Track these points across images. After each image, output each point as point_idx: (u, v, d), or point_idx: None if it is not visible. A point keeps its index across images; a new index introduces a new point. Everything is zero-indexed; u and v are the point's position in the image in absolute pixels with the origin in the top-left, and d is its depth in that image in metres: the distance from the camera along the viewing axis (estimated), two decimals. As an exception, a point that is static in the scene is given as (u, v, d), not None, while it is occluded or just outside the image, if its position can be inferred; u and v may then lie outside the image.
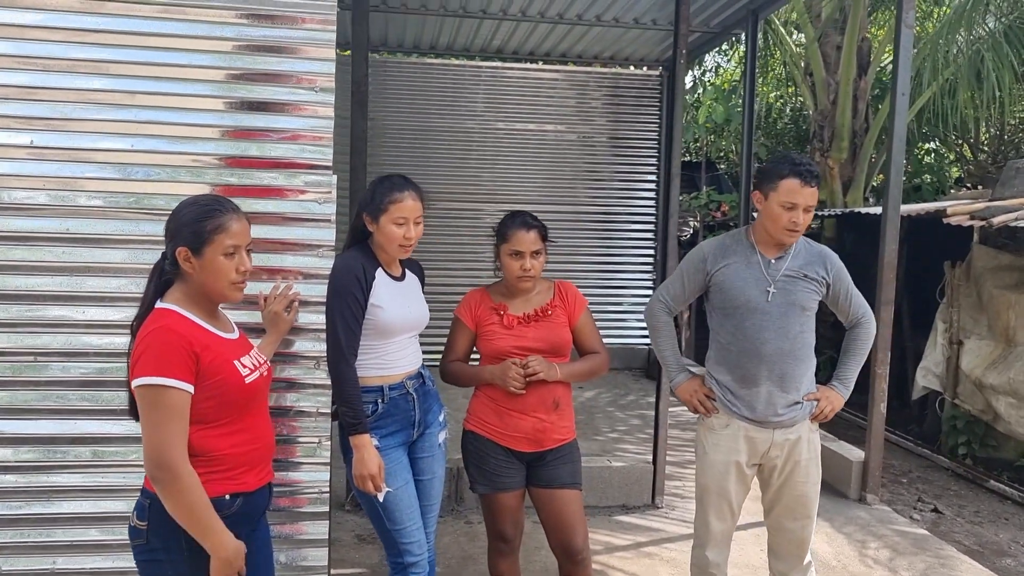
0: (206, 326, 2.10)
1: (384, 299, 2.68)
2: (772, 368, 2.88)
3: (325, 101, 2.68)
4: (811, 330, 2.96)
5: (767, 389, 2.90)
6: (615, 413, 6.71)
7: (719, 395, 3.00)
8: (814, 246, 3.01)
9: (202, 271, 2.09)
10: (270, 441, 2.24)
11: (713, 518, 3.04)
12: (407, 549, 2.69)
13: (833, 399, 3.00)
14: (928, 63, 9.23)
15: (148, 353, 1.96)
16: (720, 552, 3.09)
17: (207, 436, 2.04)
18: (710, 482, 3.03)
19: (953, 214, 6.13)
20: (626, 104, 8.66)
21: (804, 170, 2.80)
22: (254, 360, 2.21)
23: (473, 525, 4.52)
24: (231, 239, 2.10)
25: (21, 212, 2.55)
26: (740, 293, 2.91)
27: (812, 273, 2.92)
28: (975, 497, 5.65)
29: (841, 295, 2.99)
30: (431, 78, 8.30)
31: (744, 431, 2.95)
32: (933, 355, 6.67)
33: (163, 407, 1.95)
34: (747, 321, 2.90)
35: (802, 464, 2.97)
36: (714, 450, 3.01)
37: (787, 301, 2.89)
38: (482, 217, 8.32)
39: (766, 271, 2.91)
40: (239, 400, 2.09)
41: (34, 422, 2.58)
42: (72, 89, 2.56)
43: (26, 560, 2.60)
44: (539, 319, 2.94)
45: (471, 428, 2.98)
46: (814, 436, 3.02)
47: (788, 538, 3.05)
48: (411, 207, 2.66)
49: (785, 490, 3.00)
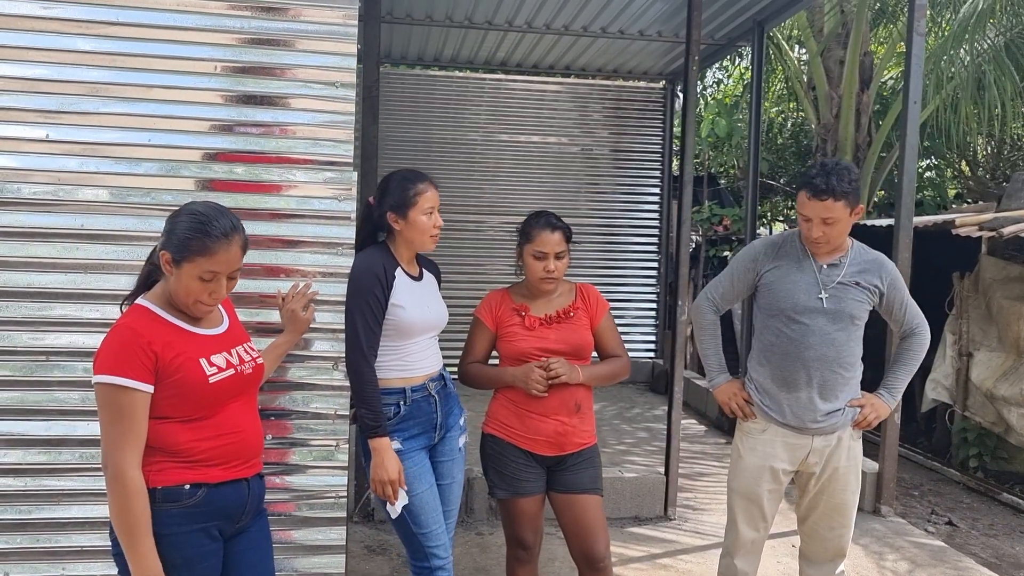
0: (179, 323, 2.06)
1: (405, 298, 2.62)
2: (813, 374, 2.83)
3: (346, 97, 2.63)
4: (858, 339, 2.89)
5: (807, 395, 2.84)
6: (621, 426, 6.65)
7: (757, 399, 2.95)
8: (869, 253, 2.92)
9: (176, 282, 2.04)
10: (248, 437, 2.15)
11: (743, 525, 2.98)
12: (434, 552, 2.62)
13: (878, 407, 2.92)
14: (931, 77, 9.25)
15: (107, 350, 1.95)
16: (749, 562, 3.02)
17: (169, 430, 2.00)
18: (742, 486, 2.97)
19: (962, 225, 6.10)
20: (629, 117, 8.67)
21: (811, 183, 2.74)
22: (237, 356, 2.15)
23: (484, 536, 4.43)
24: (212, 265, 2.03)
25: (34, 208, 2.49)
26: (788, 296, 2.86)
27: (865, 282, 2.85)
28: (988, 510, 5.58)
29: (896, 304, 2.90)
30: (435, 90, 8.31)
31: (782, 436, 2.90)
32: (942, 367, 6.62)
33: (115, 406, 1.93)
34: (793, 324, 2.85)
35: (841, 471, 2.90)
36: (750, 454, 2.95)
37: (837, 309, 2.82)
38: (484, 229, 8.29)
39: (819, 276, 2.85)
40: (202, 398, 2.04)
41: (44, 423, 2.50)
42: (88, 83, 2.51)
43: (34, 566, 2.51)
44: (561, 321, 2.89)
45: (491, 431, 2.92)
46: (855, 444, 2.94)
47: (824, 546, 2.99)
48: (434, 196, 2.69)
49: (823, 498, 2.93)
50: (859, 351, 2.90)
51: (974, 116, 9.52)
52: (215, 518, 2.07)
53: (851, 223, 2.80)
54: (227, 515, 2.11)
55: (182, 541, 2.00)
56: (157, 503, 1.97)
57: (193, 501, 2.02)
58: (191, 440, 2.03)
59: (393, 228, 2.67)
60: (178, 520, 2.00)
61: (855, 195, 2.76)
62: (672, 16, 6.79)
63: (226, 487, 2.09)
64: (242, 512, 2.16)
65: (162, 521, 1.96)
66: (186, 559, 2.00)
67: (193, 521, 2.02)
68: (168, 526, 1.97)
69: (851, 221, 2.79)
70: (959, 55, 9.02)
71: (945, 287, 6.70)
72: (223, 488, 2.08)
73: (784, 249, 2.94)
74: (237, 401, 2.14)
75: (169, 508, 1.99)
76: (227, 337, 2.18)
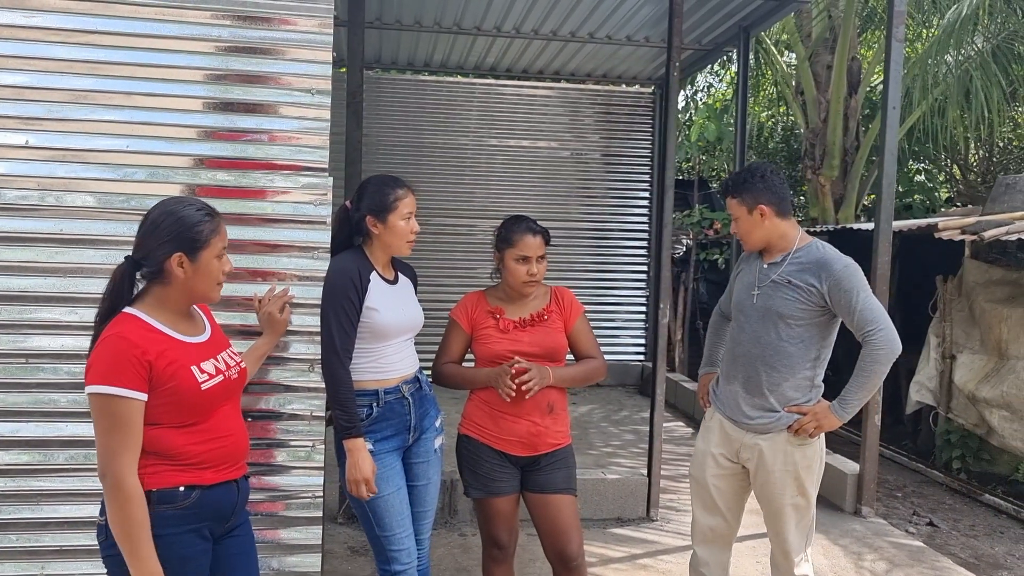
0: (169, 331, 2.10)
1: (379, 301, 2.67)
2: (741, 368, 2.94)
3: (321, 103, 2.68)
4: (796, 340, 2.82)
5: (735, 389, 2.96)
6: (609, 428, 6.70)
7: (711, 390, 3.14)
8: (816, 253, 2.84)
9: (195, 275, 2.11)
10: (237, 440, 2.21)
11: (697, 509, 3.12)
12: (395, 556, 2.67)
13: (821, 417, 2.81)
14: (918, 82, 9.33)
15: (100, 360, 1.98)
16: (710, 551, 3.09)
17: (163, 435, 2.05)
18: (694, 471, 3.14)
19: (944, 228, 6.15)
20: (619, 121, 8.72)
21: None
22: (223, 362, 2.20)
23: (467, 537, 4.48)
24: (222, 242, 2.17)
25: (15, 212, 2.54)
26: (737, 295, 3.04)
27: (800, 281, 2.80)
28: (970, 511, 5.63)
29: (843, 308, 2.77)
30: (425, 94, 8.36)
31: (721, 425, 3.03)
32: (926, 369, 6.68)
33: (112, 416, 1.96)
34: (735, 321, 3.03)
35: (776, 476, 2.88)
36: (699, 440, 3.14)
37: (765, 306, 2.88)
38: (475, 233, 8.34)
39: (758, 275, 2.94)
40: (195, 405, 2.09)
41: (25, 424, 2.55)
42: (68, 90, 2.56)
43: (13, 565, 2.55)
44: (535, 324, 2.94)
45: (465, 432, 2.97)
46: (798, 451, 2.87)
47: (774, 548, 3.04)
48: (412, 201, 2.75)
49: (763, 501, 2.99)
50: (799, 352, 2.83)
51: (961, 121, 9.59)
52: (207, 519, 2.12)
53: (758, 223, 2.88)
54: (218, 516, 2.16)
55: (176, 541, 2.05)
56: (152, 505, 2.01)
57: (188, 503, 2.07)
58: (185, 444, 2.08)
59: (371, 232, 2.72)
60: (173, 521, 2.04)
61: (747, 193, 2.87)
62: (659, 21, 6.85)
63: (218, 489, 2.14)
64: (231, 512, 2.21)
65: (157, 522, 2.01)
66: (180, 558, 2.05)
67: (187, 522, 2.07)
68: (163, 527, 2.02)
69: (755, 220, 2.88)
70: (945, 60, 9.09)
71: (930, 290, 6.76)
72: (215, 490, 2.13)
73: (754, 254, 3.05)
74: (226, 405, 2.20)
75: (164, 510, 2.03)
76: (212, 344, 2.23)
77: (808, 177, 9.88)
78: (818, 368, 2.90)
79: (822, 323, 2.85)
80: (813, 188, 9.84)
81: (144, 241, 2.11)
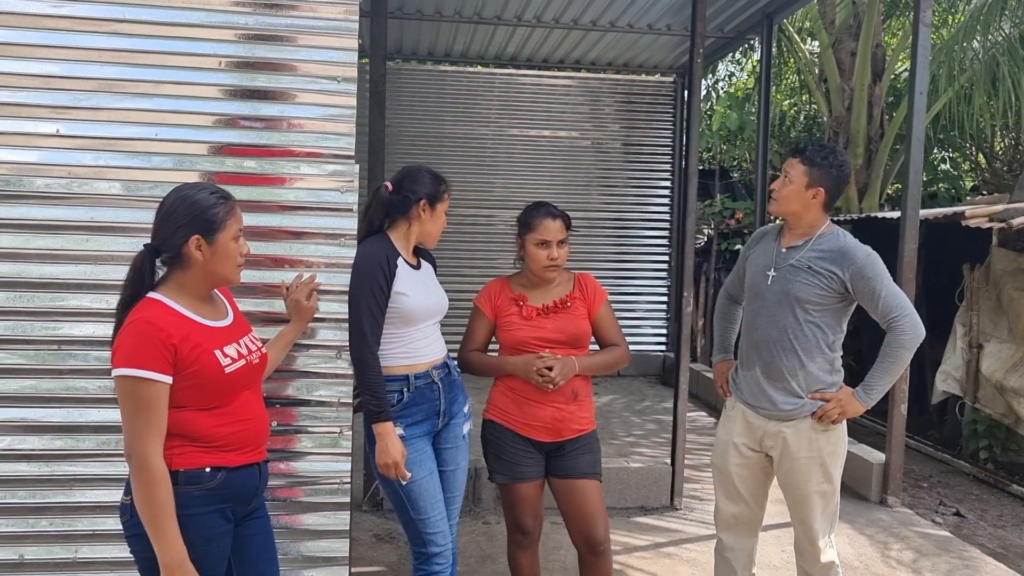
0: (192, 316, 2.12)
1: (407, 286, 2.68)
2: (760, 354, 2.91)
3: (347, 91, 2.68)
4: (817, 325, 2.82)
5: (755, 375, 2.93)
6: (631, 418, 6.68)
7: (731, 378, 3.11)
8: (839, 241, 2.83)
9: (213, 257, 2.13)
10: (259, 424, 2.24)
11: (721, 497, 3.11)
12: (431, 539, 2.68)
13: (845, 403, 2.81)
14: (944, 69, 9.20)
15: (126, 344, 2.00)
16: (733, 536, 3.10)
17: (188, 418, 2.08)
18: (716, 460, 3.13)
19: (972, 216, 6.08)
20: (640, 111, 8.68)
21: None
22: (245, 347, 2.22)
23: (491, 525, 4.49)
24: (238, 224, 2.19)
25: (47, 201, 2.56)
26: (751, 278, 3.00)
27: (820, 268, 2.79)
28: (997, 501, 5.58)
29: (866, 297, 2.78)
30: (445, 85, 8.36)
31: (743, 414, 3.00)
32: (953, 359, 6.60)
33: (138, 398, 1.99)
34: (751, 304, 2.98)
35: (801, 463, 2.87)
36: (721, 429, 3.11)
37: (782, 290, 2.84)
38: (495, 224, 8.33)
39: (775, 257, 2.91)
40: (219, 388, 2.12)
41: (58, 410, 2.58)
42: (96, 79, 2.58)
43: (48, 549, 2.59)
44: (558, 310, 2.94)
45: (490, 417, 2.98)
46: (823, 437, 2.86)
47: (799, 535, 3.02)
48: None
49: (788, 488, 2.97)
50: (819, 340, 2.83)
51: (988, 108, 9.46)
52: (230, 500, 2.15)
53: (806, 199, 2.81)
54: (241, 498, 2.19)
55: (201, 521, 2.08)
56: (179, 485, 2.04)
57: (213, 484, 2.10)
58: (210, 426, 2.11)
59: (417, 216, 2.74)
60: (198, 501, 2.08)
61: (820, 170, 2.80)
62: (681, 9, 6.80)
63: (242, 471, 2.17)
64: (253, 495, 2.24)
65: (183, 502, 2.04)
66: (204, 538, 2.09)
67: (211, 502, 2.10)
68: (188, 507, 2.05)
69: (806, 196, 2.81)
70: (972, 46, 8.96)
71: (956, 279, 6.68)
72: (239, 472, 2.17)
73: (767, 235, 3.04)
74: (248, 390, 2.23)
75: (190, 490, 2.06)
76: (234, 329, 2.25)
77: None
78: (836, 351, 2.91)
79: (839, 309, 2.86)
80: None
81: (161, 227, 2.13)
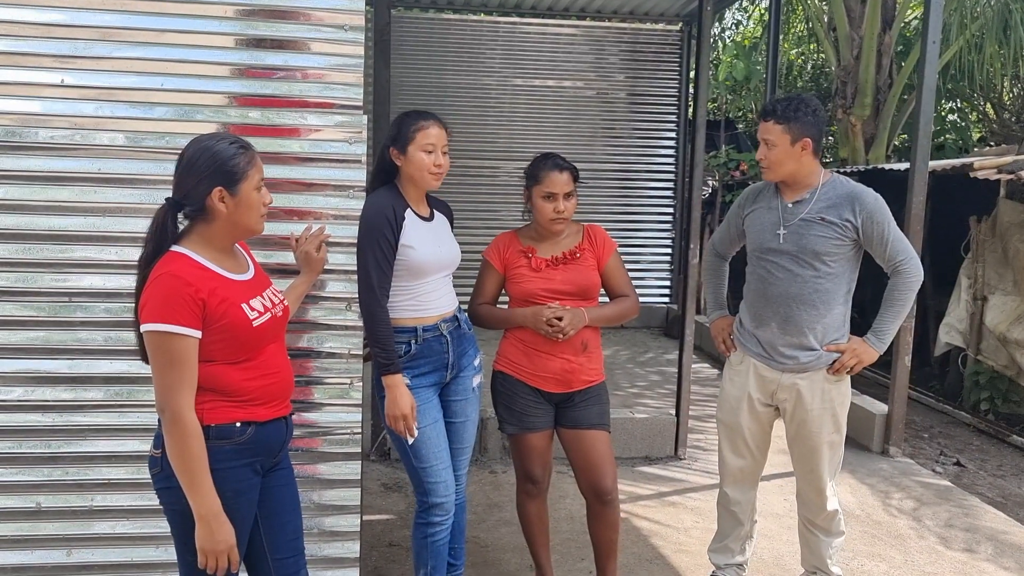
0: (217, 270, 2.11)
1: (414, 239, 2.67)
2: (777, 310, 2.91)
3: (355, 40, 2.64)
4: (833, 276, 2.84)
5: (771, 330, 2.93)
6: (634, 370, 6.72)
7: (737, 334, 3.10)
8: (844, 187, 2.85)
9: (236, 208, 2.11)
10: (285, 377, 2.26)
11: (728, 452, 3.13)
12: (432, 488, 2.71)
13: (860, 352, 2.87)
14: (955, 18, 9.05)
15: (155, 299, 2.00)
16: (739, 489, 3.14)
17: (218, 372, 2.09)
18: (724, 416, 3.13)
19: (980, 168, 6.03)
20: (645, 60, 8.56)
21: (764, 106, 2.96)
22: (268, 300, 2.22)
23: (497, 475, 4.55)
24: (259, 173, 2.16)
25: (52, 152, 2.54)
26: (756, 237, 2.98)
27: (833, 216, 2.81)
28: (997, 452, 5.64)
29: (875, 240, 2.81)
30: (449, 34, 8.23)
31: (755, 368, 3.01)
32: (957, 311, 6.62)
33: (168, 353, 1.99)
34: (762, 263, 2.96)
35: (814, 414, 2.92)
36: (729, 384, 3.11)
37: (797, 245, 2.85)
38: (499, 175, 8.28)
39: (782, 214, 2.90)
40: (247, 341, 2.12)
41: (68, 361, 2.59)
42: (99, 27, 2.53)
43: (65, 497, 2.63)
44: (567, 262, 2.93)
45: (500, 368, 2.99)
46: (835, 388, 2.92)
47: (805, 486, 3.06)
48: (437, 134, 2.69)
49: (799, 439, 3.00)
50: (837, 290, 2.87)
51: (999, 57, 9.32)
52: (259, 454, 2.18)
53: (796, 155, 2.82)
54: (269, 451, 2.21)
55: (231, 475, 2.10)
56: (210, 440, 2.06)
57: (244, 438, 2.12)
58: (240, 380, 2.12)
59: (395, 164, 2.71)
60: (229, 456, 2.10)
61: (797, 123, 2.79)
62: (689, -45, 6.66)
63: (270, 425, 2.19)
64: (280, 448, 2.27)
65: (214, 456, 2.05)
66: (234, 491, 2.11)
67: (241, 456, 2.12)
68: (219, 461, 2.07)
69: (794, 152, 2.81)
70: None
71: (963, 231, 6.66)
72: (268, 426, 2.18)
73: (763, 193, 3.03)
74: (273, 343, 2.23)
75: (222, 444, 2.08)
76: (256, 283, 2.25)
77: (839, 116, 9.68)
78: (849, 302, 2.95)
79: (851, 257, 2.89)
80: (843, 128, 9.65)
81: (183, 180, 2.10)
